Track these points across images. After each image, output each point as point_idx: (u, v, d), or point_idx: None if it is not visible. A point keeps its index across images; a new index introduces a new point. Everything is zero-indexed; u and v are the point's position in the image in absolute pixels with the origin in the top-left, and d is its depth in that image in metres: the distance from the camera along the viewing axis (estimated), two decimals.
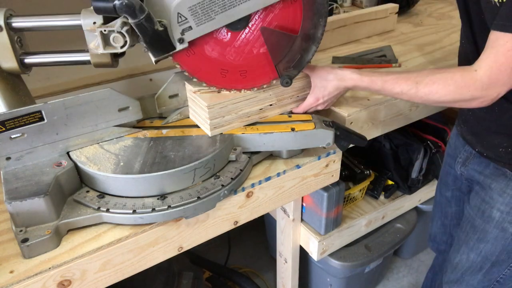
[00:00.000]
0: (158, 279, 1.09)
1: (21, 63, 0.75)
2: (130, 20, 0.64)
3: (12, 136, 0.70)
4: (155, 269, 0.88)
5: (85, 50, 0.76)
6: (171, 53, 0.72)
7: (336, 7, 1.75)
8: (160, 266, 0.79)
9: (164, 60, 0.75)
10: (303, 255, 1.24)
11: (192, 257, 1.50)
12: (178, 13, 0.68)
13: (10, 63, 0.74)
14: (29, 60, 0.76)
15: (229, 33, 0.75)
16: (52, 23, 0.73)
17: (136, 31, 0.66)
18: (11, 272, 0.62)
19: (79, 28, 0.71)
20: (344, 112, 0.91)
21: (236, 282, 1.50)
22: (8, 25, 0.71)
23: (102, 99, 0.75)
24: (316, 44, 0.76)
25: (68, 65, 0.77)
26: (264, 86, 0.82)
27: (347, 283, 1.40)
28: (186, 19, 0.69)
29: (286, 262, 1.24)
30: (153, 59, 0.71)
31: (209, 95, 0.80)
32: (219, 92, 0.81)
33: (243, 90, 0.81)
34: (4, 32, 0.71)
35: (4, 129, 0.68)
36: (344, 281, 1.38)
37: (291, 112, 0.89)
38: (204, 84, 0.80)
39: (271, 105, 0.85)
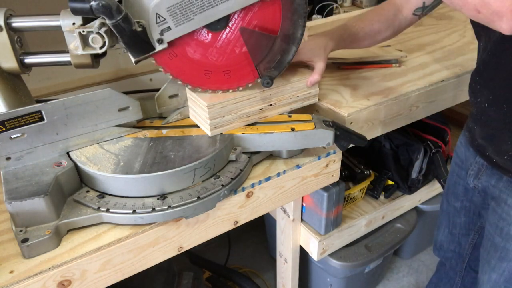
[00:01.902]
0: (158, 279, 1.09)
1: (21, 63, 0.75)
2: (107, 21, 0.64)
3: (12, 136, 0.70)
4: (155, 269, 0.88)
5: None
6: (151, 53, 0.72)
7: (336, 7, 1.76)
8: (160, 266, 0.79)
9: None
10: (303, 255, 1.24)
11: (192, 257, 1.50)
12: (157, 13, 0.68)
13: (10, 63, 0.74)
14: (29, 60, 0.76)
15: (210, 34, 0.75)
16: (52, 23, 0.73)
17: (114, 31, 0.66)
18: (11, 272, 0.62)
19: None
20: (344, 112, 0.91)
21: (236, 282, 1.50)
22: (8, 25, 0.71)
23: (102, 99, 0.75)
24: (296, 44, 0.76)
25: (68, 65, 0.77)
26: (250, 85, 0.82)
27: (347, 283, 1.40)
28: (165, 19, 0.69)
29: (286, 262, 1.24)
30: (132, 59, 0.71)
31: (209, 95, 0.80)
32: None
33: (229, 90, 0.81)
34: (4, 32, 0.71)
35: (4, 129, 0.68)
36: (344, 281, 1.38)
37: (291, 112, 0.89)
38: (189, 87, 0.80)
39: (271, 105, 0.85)
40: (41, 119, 0.71)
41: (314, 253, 1.17)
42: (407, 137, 1.31)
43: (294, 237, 1.17)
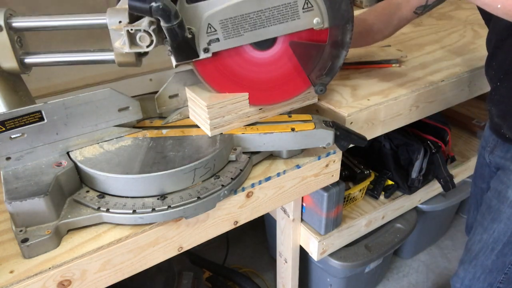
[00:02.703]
0: (158, 279, 1.09)
1: (21, 63, 0.75)
2: (163, 24, 0.64)
3: (12, 136, 0.70)
4: (155, 269, 0.88)
5: (84, 51, 0.76)
6: (193, 60, 0.73)
7: None
8: (160, 266, 0.79)
9: (164, 60, 0.74)
10: (303, 255, 1.24)
11: (192, 257, 1.50)
12: (209, 24, 0.69)
13: (10, 63, 0.74)
14: (29, 60, 0.75)
15: (255, 50, 0.77)
16: (52, 23, 0.73)
17: (166, 35, 0.66)
18: (11, 272, 0.62)
19: (87, 27, 0.72)
20: (344, 112, 0.91)
21: (236, 282, 1.50)
22: (8, 25, 0.71)
23: (102, 99, 0.75)
24: (346, 49, 0.77)
25: (68, 65, 0.77)
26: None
27: (347, 283, 1.40)
28: (215, 31, 0.70)
29: (286, 262, 1.24)
30: (174, 63, 0.72)
31: (209, 95, 0.80)
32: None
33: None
34: (4, 32, 0.71)
35: (4, 129, 0.68)
36: (344, 281, 1.38)
37: (291, 112, 0.89)
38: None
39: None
40: (41, 119, 0.71)
41: (314, 253, 1.17)
42: (407, 137, 1.31)
43: (294, 237, 1.17)
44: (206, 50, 0.72)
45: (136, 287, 1.02)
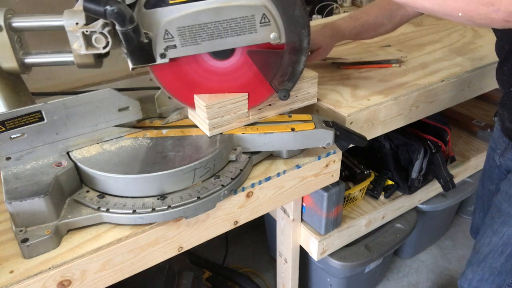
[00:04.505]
0: (158, 279, 1.09)
1: (21, 63, 0.75)
2: (118, 27, 0.64)
3: (12, 136, 0.70)
4: (155, 269, 0.88)
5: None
6: (150, 64, 0.73)
7: (336, 7, 1.76)
8: (160, 266, 0.80)
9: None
10: (303, 255, 1.24)
11: (192, 257, 1.50)
12: (166, 30, 0.69)
13: (10, 63, 0.74)
14: (29, 60, 0.76)
15: (214, 60, 0.77)
16: (54, 23, 0.73)
17: (121, 38, 0.66)
18: (11, 272, 0.62)
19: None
20: (344, 112, 0.91)
21: (236, 282, 1.50)
22: (8, 25, 0.71)
23: (102, 99, 0.75)
24: (305, 54, 0.77)
25: (70, 65, 0.77)
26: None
27: (347, 283, 1.40)
28: (173, 37, 0.70)
29: (286, 262, 1.24)
30: (130, 66, 0.72)
31: (208, 94, 0.80)
32: None
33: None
34: (4, 32, 0.71)
35: (4, 129, 0.68)
36: (344, 281, 1.38)
37: (291, 112, 0.89)
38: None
39: (270, 105, 0.85)
40: (41, 119, 0.71)
41: (314, 253, 1.17)
42: (407, 137, 1.31)
43: (294, 237, 1.17)
44: (163, 56, 0.72)
45: (136, 287, 1.02)
